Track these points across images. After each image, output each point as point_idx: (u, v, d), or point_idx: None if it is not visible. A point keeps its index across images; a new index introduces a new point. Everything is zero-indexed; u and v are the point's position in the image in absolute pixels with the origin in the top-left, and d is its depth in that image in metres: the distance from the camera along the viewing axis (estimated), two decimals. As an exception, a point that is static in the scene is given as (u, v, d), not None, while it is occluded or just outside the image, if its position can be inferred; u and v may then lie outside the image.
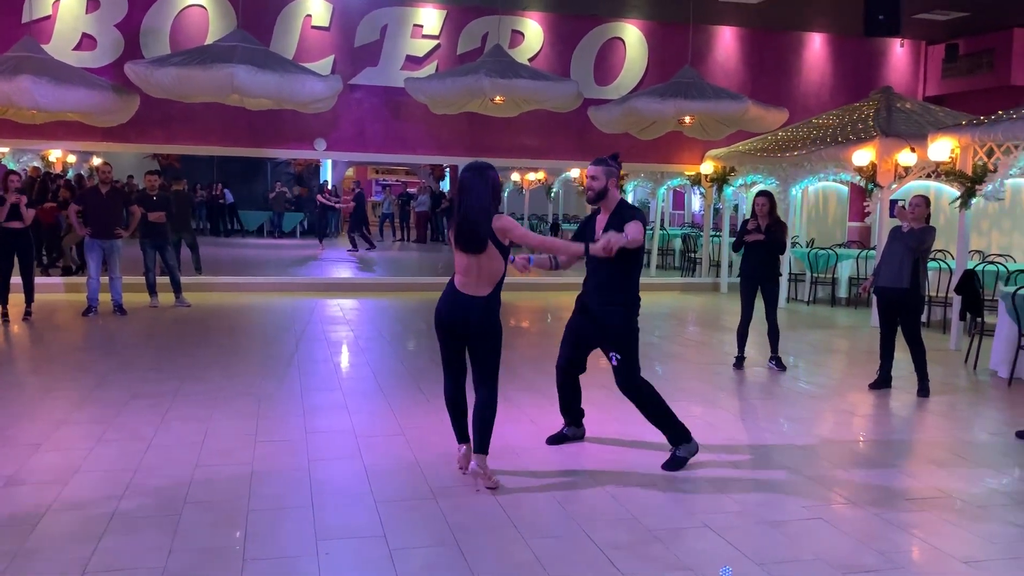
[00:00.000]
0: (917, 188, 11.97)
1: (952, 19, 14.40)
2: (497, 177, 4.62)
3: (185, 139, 13.37)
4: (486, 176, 4.54)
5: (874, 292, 7.43)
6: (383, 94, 13.92)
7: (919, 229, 7.06)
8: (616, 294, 4.94)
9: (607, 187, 4.94)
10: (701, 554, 3.88)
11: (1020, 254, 12.09)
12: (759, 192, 7.95)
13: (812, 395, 7.18)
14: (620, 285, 4.94)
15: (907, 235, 7.06)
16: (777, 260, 7.92)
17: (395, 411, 6.22)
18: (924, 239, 7.03)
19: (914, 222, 7.09)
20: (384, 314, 11.27)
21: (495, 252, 4.51)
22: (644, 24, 14.86)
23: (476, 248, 4.50)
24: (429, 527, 4.13)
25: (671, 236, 18.83)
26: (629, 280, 4.96)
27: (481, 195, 4.49)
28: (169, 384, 6.81)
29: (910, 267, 7.01)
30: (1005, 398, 7.21)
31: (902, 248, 7.05)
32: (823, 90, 15.81)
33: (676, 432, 5.09)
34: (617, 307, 4.94)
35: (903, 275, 7.03)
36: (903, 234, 7.11)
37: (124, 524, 4.06)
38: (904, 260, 7.02)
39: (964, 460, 5.40)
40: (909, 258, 7.01)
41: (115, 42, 12.79)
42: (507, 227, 4.52)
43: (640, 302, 5.04)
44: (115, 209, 10.32)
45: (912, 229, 7.08)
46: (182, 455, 5.07)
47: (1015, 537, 4.18)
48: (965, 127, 9.45)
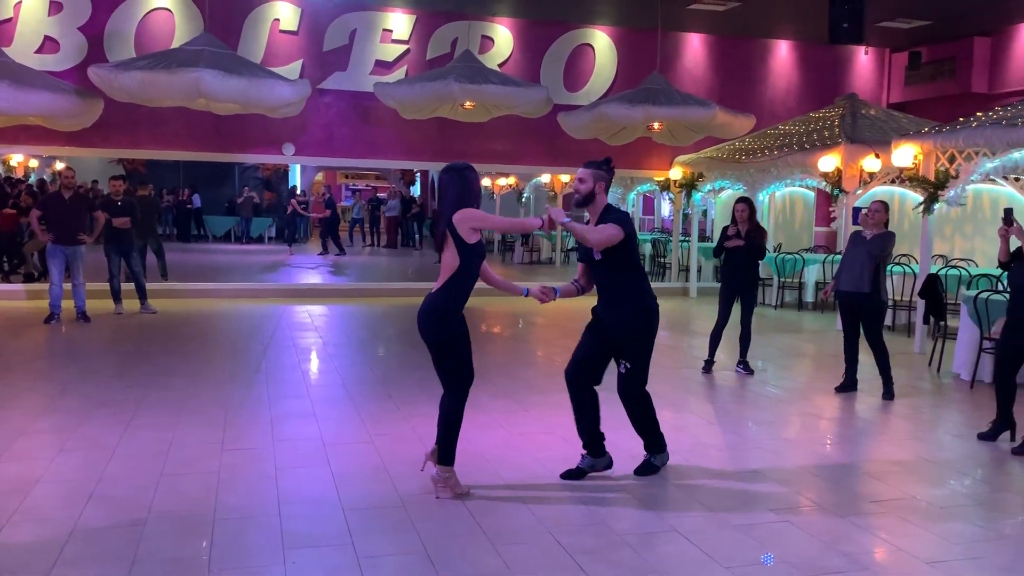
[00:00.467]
0: (881, 193, 12.14)
1: (914, 27, 14.66)
2: (475, 177, 4.60)
3: (150, 144, 13.20)
4: (464, 176, 4.52)
5: (835, 297, 7.53)
6: (352, 99, 13.86)
7: (880, 235, 7.18)
8: (623, 302, 4.83)
9: (594, 191, 4.78)
10: (670, 558, 3.90)
11: (982, 258, 12.31)
12: (739, 199, 8.04)
13: (780, 399, 7.24)
14: (624, 293, 4.84)
15: (869, 242, 7.17)
16: (757, 266, 8.02)
17: (364, 418, 6.18)
18: (885, 246, 7.15)
19: (874, 227, 7.21)
20: (353, 320, 11.20)
21: (453, 249, 4.43)
22: (613, 30, 14.95)
23: (438, 246, 4.55)
24: (398, 535, 4.10)
25: (641, 241, 18.93)
26: (632, 287, 4.83)
27: (457, 195, 4.46)
28: (133, 392, 6.71)
29: (871, 272, 7.12)
30: (967, 400, 7.32)
31: (863, 254, 7.15)
32: (789, 96, 16.00)
33: (656, 441, 5.08)
34: (625, 315, 4.82)
35: (864, 280, 7.13)
36: (864, 240, 7.22)
37: (86, 535, 3.99)
38: (865, 265, 7.12)
39: (928, 462, 5.48)
40: (870, 263, 7.11)
41: (78, 45, 12.60)
42: (466, 216, 4.40)
43: (656, 310, 4.88)
44: (78, 215, 10.16)
45: (873, 235, 7.19)
46: (146, 464, 5.00)
47: (977, 537, 4.24)
48: (927, 134, 9.61)
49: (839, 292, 7.38)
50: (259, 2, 13.36)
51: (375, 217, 24.88)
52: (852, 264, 7.22)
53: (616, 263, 4.80)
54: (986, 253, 12.37)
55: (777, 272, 13.38)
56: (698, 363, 8.40)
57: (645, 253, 18.53)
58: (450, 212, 4.45)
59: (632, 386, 4.90)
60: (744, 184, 13.48)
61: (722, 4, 13.43)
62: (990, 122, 8.59)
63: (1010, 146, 8.45)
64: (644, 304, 4.85)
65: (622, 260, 4.79)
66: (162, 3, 12.92)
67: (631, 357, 4.86)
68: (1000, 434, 5.95)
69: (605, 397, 4.99)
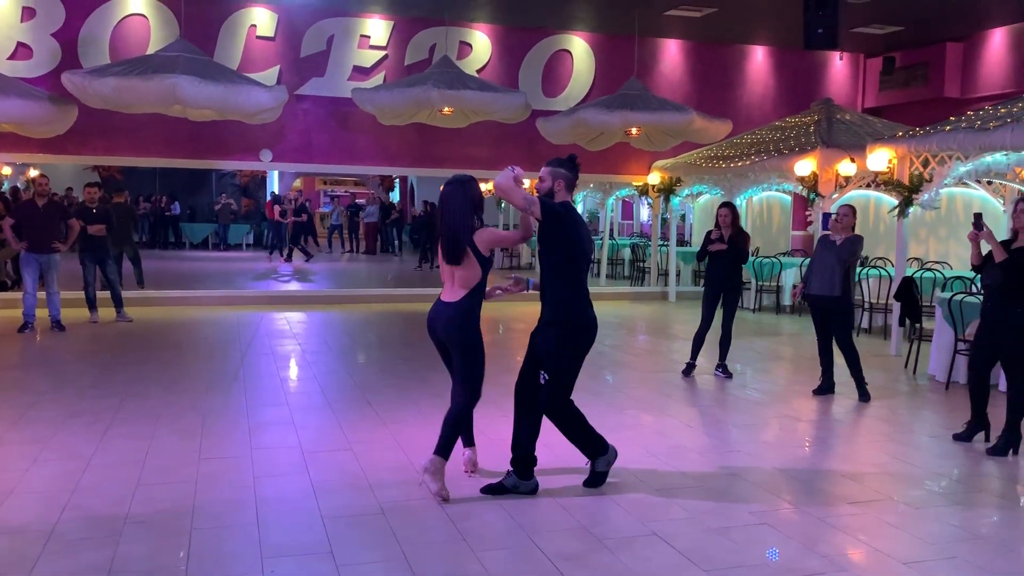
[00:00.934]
0: (857, 197, 12.27)
1: (889, 33, 14.82)
2: (478, 189, 4.72)
3: (126, 150, 13.07)
4: (466, 188, 4.65)
5: (806, 300, 7.59)
6: (330, 105, 13.81)
7: (849, 239, 7.27)
8: (549, 312, 4.62)
9: (552, 188, 4.64)
10: (649, 562, 3.90)
11: (956, 261, 12.45)
12: (723, 203, 8.13)
13: (758, 402, 7.28)
14: (553, 298, 4.62)
15: (839, 246, 7.26)
16: (740, 270, 8.10)
17: (343, 426, 6.14)
18: (855, 249, 7.26)
19: (843, 231, 7.32)
20: (332, 327, 11.15)
21: (474, 262, 4.61)
22: (591, 36, 15.01)
23: (455, 259, 4.61)
24: (377, 543, 4.08)
25: (620, 246, 18.99)
26: (559, 294, 4.59)
27: (461, 207, 4.60)
28: (109, 401, 6.64)
29: (841, 276, 7.21)
30: (943, 402, 7.40)
31: (833, 258, 7.23)
32: (766, 102, 16.13)
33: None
34: (551, 326, 4.60)
35: (835, 284, 7.21)
36: (834, 244, 7.31)
37: (61, 547, 3.94)
38: (835, 269, 7.20)
39: (904, 463, 5.53)
40: (840, 267, 7.20)
41: (52, 51, 12.47)
42: (487, 237, 4.64)
43: (582, 323, 4.60)
44: (52, 222, 10.04)
45: (843, 240, 7.28)
46: (122, 474, 4.94)
47: (952, 537, 4.28)
48: (902, 138, 9.71)
49: (810, 296, 7.46)
50: (235, 8, 13.29)
51: (354, 223, 24.81)
52: (822, 268, 7.29)
53: (546, 260, 4.61)
54: (960, 256, 12.50)
55: (755, 276, 13.46)
56: (677, 367, 8.43)
57: (624, 258, 18.60)
58: (460, 226, 4.58)
59: (550, 400, 4.64)
60: (722, 189, 13.57)
61: (698, 10, 13.52)
62: (963, 126, 8.69)
63: (982, 150, 8.56)
64: (571, 314, 4.60)
65: (550, 257, 4.59)
66: (137, 9, 12.82)
67: (549, 369, 4.60)
68: (975, 435, 6.02)
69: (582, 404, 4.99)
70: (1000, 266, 5.75)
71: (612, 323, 11.93)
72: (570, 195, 4.73)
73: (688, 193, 14.95)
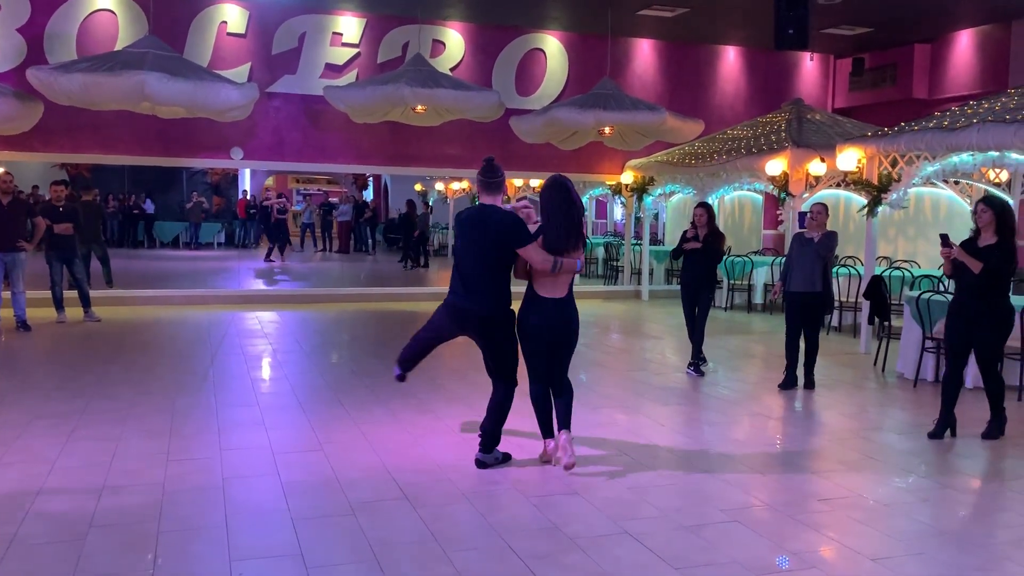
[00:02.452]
0: (826, 196, 12.36)
1: (858, 34, 14.99)
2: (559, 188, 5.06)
3: (93, 148, 12.88)
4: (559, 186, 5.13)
5: (786, 297, 7.73)
6: (302, 102, 13.71)
7: (825, 235, 7.56)
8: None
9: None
10: (620, 561, 3.90)
11: (924, 260, 12.62)
12: (699, 203, 8.27)
13: (729, 400, 7.32)
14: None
15: (817, 243, 7.50)
16: (714, 269, 8.22)
17: (314, 426, 6.09)
18: (831, 245, 7.55)
19: (817, 229, 7.59)
20: (304, 326, 11.06)
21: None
22: (564, 35, 15.03)
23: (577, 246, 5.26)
24: (348, 544, 4.05)
25: (594, 245, 19.03)
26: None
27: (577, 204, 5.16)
28: (75, 403, 6.54)
29: (820, 272, 7.49)
30: (911, 399, 7.49)
31: (812, 254, 7.49)
32: (737, 101, 16.24)
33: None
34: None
35: (815, 279, 7.49)
36: (812, 241, 7.55)
37: (23, 551, 3.87)
38: (815, 265, 7.48)
39: (873, 460, 5.58)
40: (819, 263, 7.48)
41: (17, 47, 12.26)
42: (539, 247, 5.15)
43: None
44: (17, 221, 9.87)
45: (820, 236, 7.54)
46: (88, 477, 4.86)
47: (920, 533, 4.33)
48: (871, 138, 9.82)
49: (790, 293, 7.62)
50: (206, 4, 13.15)
51: (327, 222, 24.64)
52: (802, 265, 7.52)
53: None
54: (928, 255, 12.68)
55: (727, 275, 13.55)
56: (651, 365, 8.47)
57: (598, 257, 18.63)
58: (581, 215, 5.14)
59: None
60: (694, 188, 13.65)
61: (671, 10, 13.58)
62: (930, 127, 8.81)
63: (949, 150, 8.68)
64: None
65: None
66: (105, 4, 12.64)
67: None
68: (946, 431, 6.11)
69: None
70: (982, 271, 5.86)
71: (586, 322, 11.88)
72: (490, 197, 5.08)
73: (661, 192, 15.01)
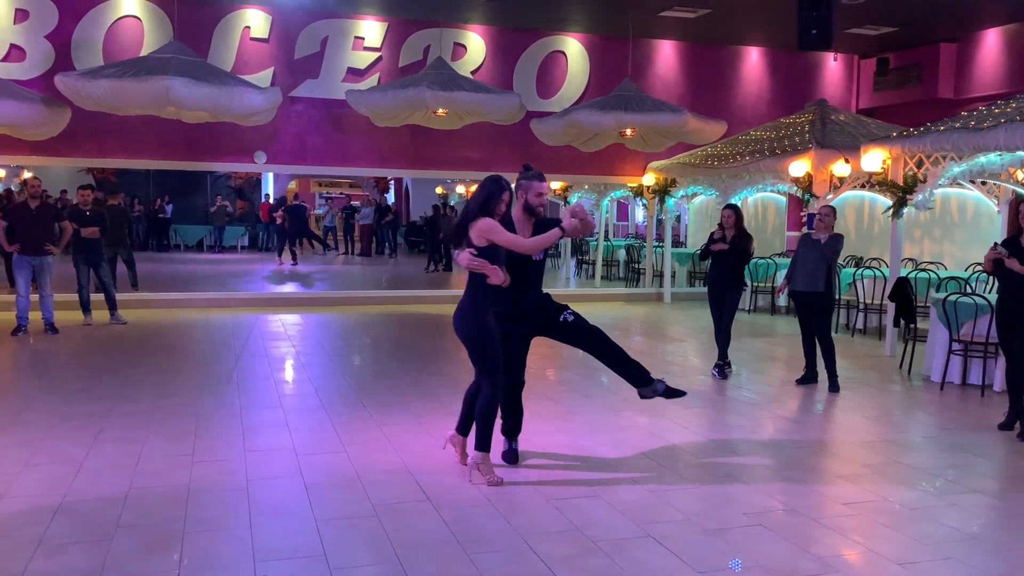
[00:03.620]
0: (851, 198, 12.28)
1: (882, 34, 14.85)
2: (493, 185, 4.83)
3: (119, 152, 13.04)
4: (482, 185, 4.87)
5: (791, 296, 7.98)
6: (324, 106, 13.80)
7: (832, 237, 7.71)
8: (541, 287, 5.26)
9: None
10: (643, 564, 3.89)
11: (950, 261, 12.47)
12: (727, 205, 8.31)
13: (753, 403, 7.28)
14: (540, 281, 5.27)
15: (824, 245, 7.67)
16: (741, 270, 8.24)
17: (337, 428, 6.12)
18: (837, 247, 7.69)
19: (825, 231, 7.75)
20: (327, 329, 11.12)
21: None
22: (585, 38, 15.01)
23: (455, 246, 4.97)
24: (371, 545, 4.06)
25: (615, 247, 18.99)
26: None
27: (471, 202, 4.86)
28: (102, 405, 6.61)
29: (824, 272, 7.65)
30: (937, 402, 7.40)
31: (817, 255, 7.66)
32: (760, 102, 16.14)
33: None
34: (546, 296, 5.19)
35: (819, 279, 7.66)
36: (817, 243, 7.73)
37: (52, 550, 3.92)
38: (819, 266, 7.66)
39: (899, 464, 5.52)
40: (823, 264, 7.65)
41: (45, 53, 12.44)
42: (482, 227, 4.73)
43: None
44: (45, 225, 10.00)
45: (827, 238, 7.69)
46: (114, 477, 4.92)
47: (947, 537, 4.28)
48: (896, 139, 9.72)
49: (795, 292, 7.87)
50: (229, 9, 13.27)
51: (349, 225, 24.77)
52: (807, 265, 7.73)
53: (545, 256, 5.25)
54: (955, 256, 12.53)
55: (750, 277, 13.46)
56: (673, 368, 8.45)
57: (619, 259, 18.60)
58: (464, 219, 4.83)
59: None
60: (716, 190, 13.57)
61: (693, 11, 13.52)
62: (957, 127, 8.70)
63: (976, 150, 8.57)
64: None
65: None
66: (131, 11, 12.79)
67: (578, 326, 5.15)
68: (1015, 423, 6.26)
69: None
70: None
71: (607, 324, 11.87)
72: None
73: (683, 194, 14.95)
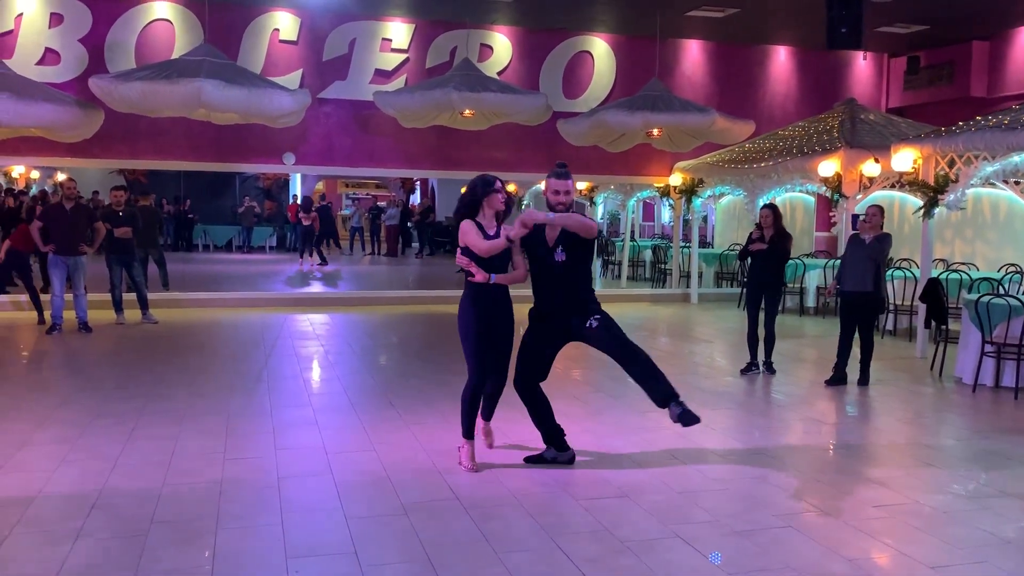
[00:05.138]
0: (881, 198, 12.16)
1: (913, 32, 14.67)
2: (475, 185, 5.01)
3: (150, 154, 13.21)
4: (470, 185, 5.05)
5: (839, 296, 7.96)
6: (352, 108, 13.88)
7: (878, 237, 7.67)
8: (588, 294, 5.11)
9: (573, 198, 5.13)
10: (672, 565, 3.89)
11: (982, 262, 12.30)
12: (765, 204, 8.38)
13: (782, 404, 7.23)
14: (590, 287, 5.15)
15: (869, 245, 7.65)
16: (781, 269, 8.29)
17: (366, 426, 6.17)
18: (884, 247, 7.67)
19: (872, 231, 7.73)
20: (355, 328, 11.20)
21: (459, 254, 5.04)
22: (612, 38, 14.98)
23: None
24: (400, 543, 4.10)
25: (641, 248, 18.93)
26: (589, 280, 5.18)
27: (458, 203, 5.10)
28: (135, 402, 6.71)
29: (873, 273, 7.63)
30: (969, 404, 7.31)
31: (865, 256, 7.65)
32: (788, 102, 16.02)
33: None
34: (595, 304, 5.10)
35: (867, 280, 7.65)
36: (865, 243, 7.70)
37: (88, 545, 3.99)
38: (867, 266, 7.65)
39: (930, 467, 5.47)
40: (872, 265, 7.63)
41: (79, 57, 12.63)
42: (462, 230, 4.95)
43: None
44: (79, 225, 10.17)
45: (873, 238, 7.66)
46: (148, 474, 4.99)
47: (980, 541, 4.23)
48: (927, 138, 9.61)
49: (843, 292, 7.85)
50: (258, 12, 13.39)
51: (375, 226, 24.91)
52: (855, 266, 7.72)
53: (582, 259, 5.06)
54: (987, 257, 12.37)
55: (778, 277, 13.35)
56: (700, 369, 8.42)
57: (646, 260, 18.53)
58: (457, 219, 5.06)
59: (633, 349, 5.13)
60: (744, 190, 13.48)
61: (720, 11, 13.44)
62: (990, 126, 8.59)
63: (1010, 149, 8.45)
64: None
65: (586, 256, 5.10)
66: (162, 14, 12.95)
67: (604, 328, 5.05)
68: None
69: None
70: None
71: (633, 325, 11.90)
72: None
73: (710, 194, 14.87)
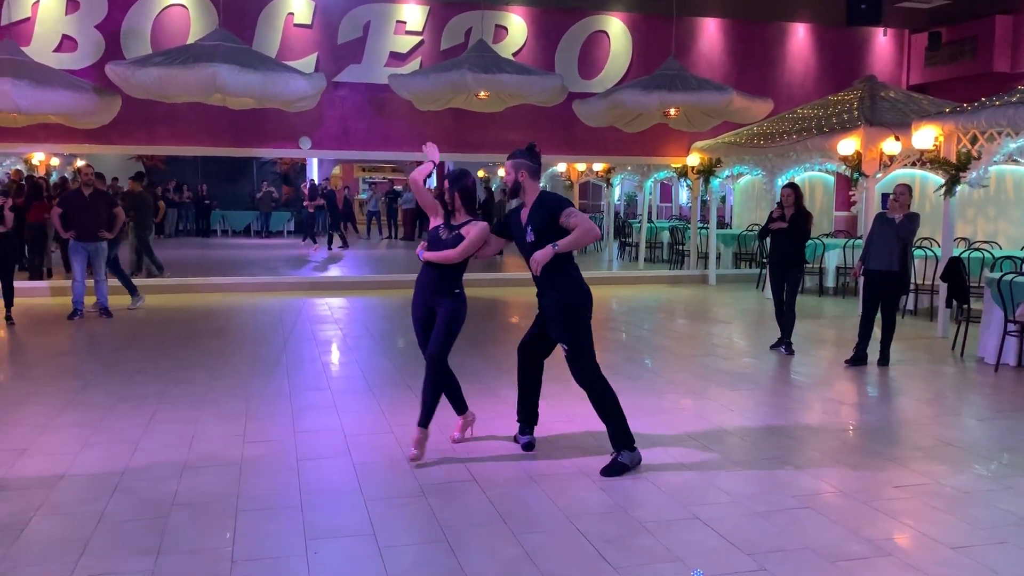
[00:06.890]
0: (902, 176, 12.01)
1: (934, 7, 14.45)
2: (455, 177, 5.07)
3: (167, 140, 13.28)
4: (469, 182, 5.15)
5: (864, 275, 7.88)
6: (367, 91, 13.87)
7: (907, 216, 7.58)
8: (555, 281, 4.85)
9: (518, 180, 4.93)
10: (690, 545, 3.88)
11: (1005, 241, 12.15)
12: (786, 184, 8.37)
13: (800, 384, 7.20)
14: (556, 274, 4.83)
15: (898, 224, 7.56)
16: (802, 249, 8.28)
17: (384, 409, 6.20)
18: (913, 227, 7.58)
19: (900, 210, 7.63)
20: (372, 312, 11.24)
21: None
22: (628, 17, 14.85)
23: None
24: (419, 524, 4.12)
25: (659, 229, 18.84)
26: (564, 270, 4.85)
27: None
28: (155, 386, 6.77)
29: (899, 252, 7.57)
30: (991, 384, 7.25)
31: (892, 235, 7.57)
32: (807, 80, 15.84)
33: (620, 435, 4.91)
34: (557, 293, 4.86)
35: (893, 259, 7.58)
36: (892, 222, 7.60)
37: (111, 527, 4.04)
38: (894, 246, 7.57)
39: (951, 446, 5.43)
40: (898, 244, 7.56)
41: (95, 43, 12.69)
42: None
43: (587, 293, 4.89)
44: (99, 211, 10.24)
45: (901, 218, 7.56)
46: (169, 457, 5.04)
47: (1001, 521, 4.20)
48: (948, 115, 9.48)
49: (868, 271, 7.78)
50: (273, -4, 13.38)
51: (392, 210, 24.92)
52: (881, 245, 7.65)
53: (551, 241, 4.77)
54: (1009, 235, 12.21)
55: (797, 257, 13.25)
56: (718, 350, 8.39)
57: (663, 241, 18.44)
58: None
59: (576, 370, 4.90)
60: (763, 169, 13.37)
61: (737, -13, 13.31)
62: (1013, 101, 8.45)
63: (1034, 126, 8.32)
64: (575, 287, 4.88)
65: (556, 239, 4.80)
66: (177, 0, 12.97)
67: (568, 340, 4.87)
68: None
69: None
70: None
71: (650, 307, 11.87)
72: (536, 182, 4.98)
73: (728, 174, 14.76)
